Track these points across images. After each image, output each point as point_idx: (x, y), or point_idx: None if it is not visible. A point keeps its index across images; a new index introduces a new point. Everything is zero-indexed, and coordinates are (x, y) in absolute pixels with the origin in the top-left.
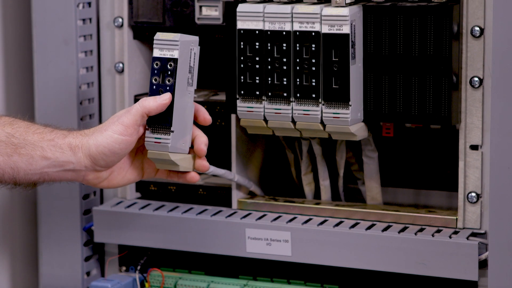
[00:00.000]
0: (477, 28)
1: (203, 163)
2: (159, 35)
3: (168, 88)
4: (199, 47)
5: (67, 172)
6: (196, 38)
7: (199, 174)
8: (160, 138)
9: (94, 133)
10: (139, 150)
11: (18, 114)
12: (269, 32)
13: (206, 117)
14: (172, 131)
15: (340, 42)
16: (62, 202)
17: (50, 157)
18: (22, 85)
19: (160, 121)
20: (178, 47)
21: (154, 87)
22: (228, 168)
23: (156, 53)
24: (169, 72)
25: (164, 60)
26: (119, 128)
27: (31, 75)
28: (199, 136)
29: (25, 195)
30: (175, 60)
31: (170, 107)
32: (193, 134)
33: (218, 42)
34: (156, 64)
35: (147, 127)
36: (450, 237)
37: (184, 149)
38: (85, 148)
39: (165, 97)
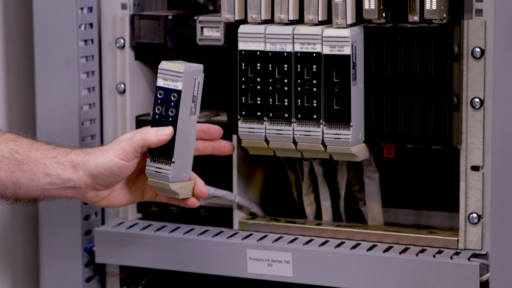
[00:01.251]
0: (478, 50)
1: (203, 189)
2: (163, 64)
3: (170, 119)
4: (203, 74)
5: (68, 189)
6: (200, 67)
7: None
8: (161, 168)
9: (95, 153)
10: (140, 172)
11: (21, 132)
12: (270, 53)
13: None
14: (173, 162)
15: (341, 63)
16: (63, 223)
17: (52, 174)
18: (24, 106)
19: (161, 152)
20: (182, 79)
21: (157, 116)
22: (230, 188)
23: (160, 82)
24: (172, 104)
25: (167, 91)
26: (119, 152)
27: (33, 96)
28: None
29: (26, 215)
30: (178, 92)
31: (172, 139)
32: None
33: (219, 63)
34: (160, 94)
35: (148, 155)
36: (451, 258)
37: (184, 178)
38: (86, 167)
39: (166, 132)
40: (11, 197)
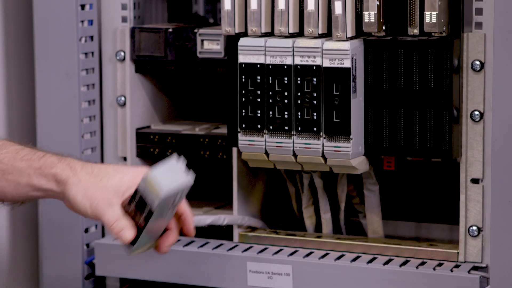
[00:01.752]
0: (478, 62)
1: (190, 231)
2: (148, 179)
3: (137, 225)
4: (192, 183)
5: (52, 196)
6: (186, 185)
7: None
8: (123, 246)
9: (80, 182)
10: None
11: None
12: (270, 66)
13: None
14: (133, 245)
15: (341, 76)
16: (63, 235)
17: (35, 184)
18: (25, 118)
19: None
20: (157, 203)
21: (129, 210)
22: (230, 201)
23: (141, 186)
24: (143, 215)
25: (142, 201)
26: (92, 210)
27: (33, 108)
28: (165, 236)
29: (27, 227)
30: (150, 212)
31: (139, 231)
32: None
33: (219, 75)
34: (136, 196)
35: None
36: (451, 271)
37: (149, 245)
38: (66, 189)
39: (126, 237)
40: None
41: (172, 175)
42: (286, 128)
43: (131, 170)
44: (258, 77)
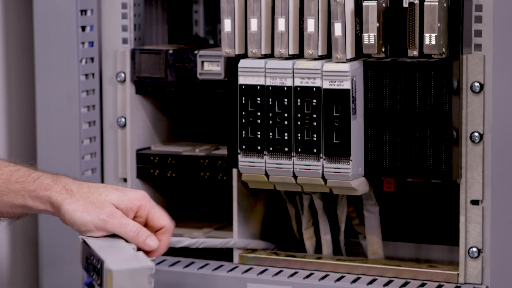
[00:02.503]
0: (477, 84)
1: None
2: (111, 270)
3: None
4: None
5: (48, 213)
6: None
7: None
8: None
9: (78, 201)
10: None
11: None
12: (270, 88)
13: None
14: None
15: (341, 97)
16: (63, 257)
17: (30, 206)
18: (25, 139)
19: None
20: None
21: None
22: (230, 222)
23: (105, 270)
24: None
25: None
26: (99, 224)
27: (34, 130)
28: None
29: (26, 248)
30: None
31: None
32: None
33: (219, 96)
34: (88, 262)
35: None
36: None
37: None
38: (61, 212)
39: (154, 245)
40: None
41: (133, 283)
42: (286, 149)
43: (129, 192)
44: (258, 99)
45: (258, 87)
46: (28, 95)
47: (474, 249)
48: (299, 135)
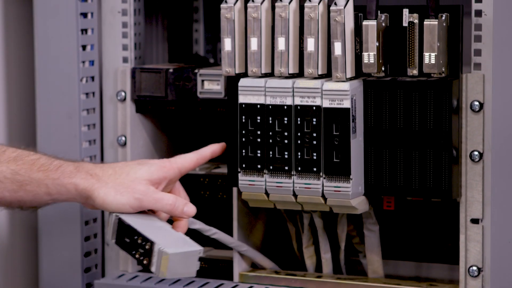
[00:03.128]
0: (477, 103)
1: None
2: (165, 252)
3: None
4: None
5: (71, 201)
6: (192, 275)
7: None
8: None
9: (106, 184)
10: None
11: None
12: (270, 106)
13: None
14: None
15: (341, 116)
16: (63, 275)
17: (54, 194)
18: None
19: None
20: (159, 275)
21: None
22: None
23: (154, 251)
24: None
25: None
26: (134, 203)
27: (35, 148)
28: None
29: (26, 268)
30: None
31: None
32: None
33: (220, 115)
34: (126, 237)
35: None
36: None
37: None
38: (91, 198)
39: (192, 210)
40: (16, 208)
41: (185, 265)
42: (286, 168)
43: (154, 162)
44: (258, 117)
45: (258, 106)
46: (29, 114)
47: (474, 267)
48: (299, 153)
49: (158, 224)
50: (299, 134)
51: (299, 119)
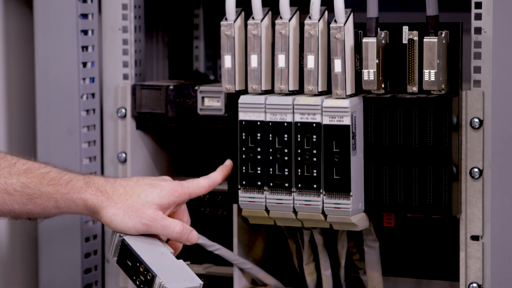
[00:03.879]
0: (476, 120)
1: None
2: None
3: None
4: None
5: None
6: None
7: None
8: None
9: (116, 205)
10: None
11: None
12: (270, 123)
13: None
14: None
15: (341, 133)
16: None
17: (62, 208)
18: None
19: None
20: None
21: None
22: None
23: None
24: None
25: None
26: (141, 228)
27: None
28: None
29: (25, 284)
30: None
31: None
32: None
33: (220, 132)
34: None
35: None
36: None
37: None
38: (99, 215)
39: (196, 237)
40: (25, 218)
41: None
42: (286, 185)
43: (165, 185)
44: (258, 134)
45: (258, 123)
46: (29, 130)
47: (475, 284)
48: (299, 170)
49: (161, 250)
50: (299, 151)
51: (299, 136)
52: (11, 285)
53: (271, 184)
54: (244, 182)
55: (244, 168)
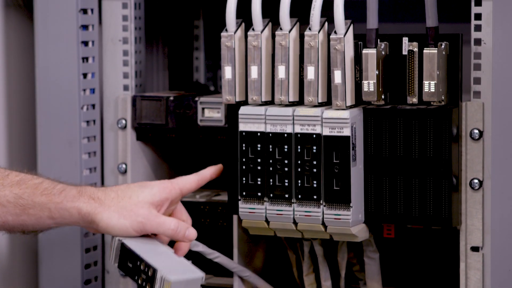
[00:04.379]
0: (476, 131)
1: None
2: (167, 279)
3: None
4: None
5: (74, 225)
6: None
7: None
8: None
9: (109, 207)
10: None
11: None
12: (270, 134)
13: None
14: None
15: (341, 144)
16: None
17: (56, 218)
18: None
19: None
20: None
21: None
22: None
23: (157, 278)
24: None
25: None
26: (138, 226)
27: (36, 172)
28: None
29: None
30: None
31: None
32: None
33: (220, 143)
34: (128, 262)
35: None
36: None
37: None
38: (94, 222)
39: (194, 234)
40: (19, 232)
41: None
42: (287, 196)
43: (155, 184)
44: (259, 145)
45: (259, 134)
46: (30, 141)
47: None
48: (299, 181)
49: (161, 249)
50: (299, 162)
51: (299, 147)
52: None
53: (271, 195)
54: (244, 193)
55: (244, 179)
